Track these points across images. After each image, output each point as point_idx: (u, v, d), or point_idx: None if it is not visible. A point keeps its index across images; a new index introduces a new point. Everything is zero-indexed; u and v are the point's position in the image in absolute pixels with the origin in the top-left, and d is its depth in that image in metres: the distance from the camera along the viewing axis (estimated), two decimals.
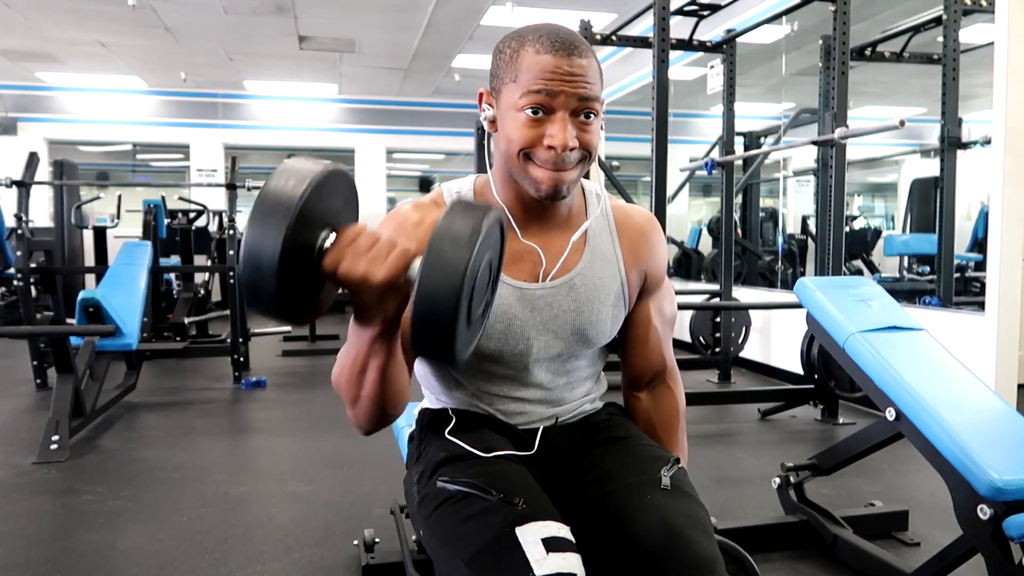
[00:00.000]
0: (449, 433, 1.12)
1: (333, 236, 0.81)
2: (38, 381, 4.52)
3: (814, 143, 3.65)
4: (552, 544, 0.91)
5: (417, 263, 0.79)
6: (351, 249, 0.80)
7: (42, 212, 8.14)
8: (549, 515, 0.96)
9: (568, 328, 1.11)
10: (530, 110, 0.98)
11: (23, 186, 4.59)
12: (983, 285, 3.62)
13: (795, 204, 7.97)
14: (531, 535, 0.92)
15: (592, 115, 1.00)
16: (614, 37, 4.37)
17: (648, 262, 1.17)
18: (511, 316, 1.08)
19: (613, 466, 1.09)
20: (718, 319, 4.77)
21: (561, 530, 0.94)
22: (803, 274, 6.68)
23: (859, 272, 7.17)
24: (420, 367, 1.23)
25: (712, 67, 4.72)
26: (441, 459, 1.09)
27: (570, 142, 0.98)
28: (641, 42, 4.40)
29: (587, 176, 1.16)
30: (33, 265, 4.72)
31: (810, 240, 7.24)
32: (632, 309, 1.18)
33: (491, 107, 1.06)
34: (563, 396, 1.17)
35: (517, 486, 1.01)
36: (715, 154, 4.81)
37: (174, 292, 6.55)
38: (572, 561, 0.91)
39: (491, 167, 1.11)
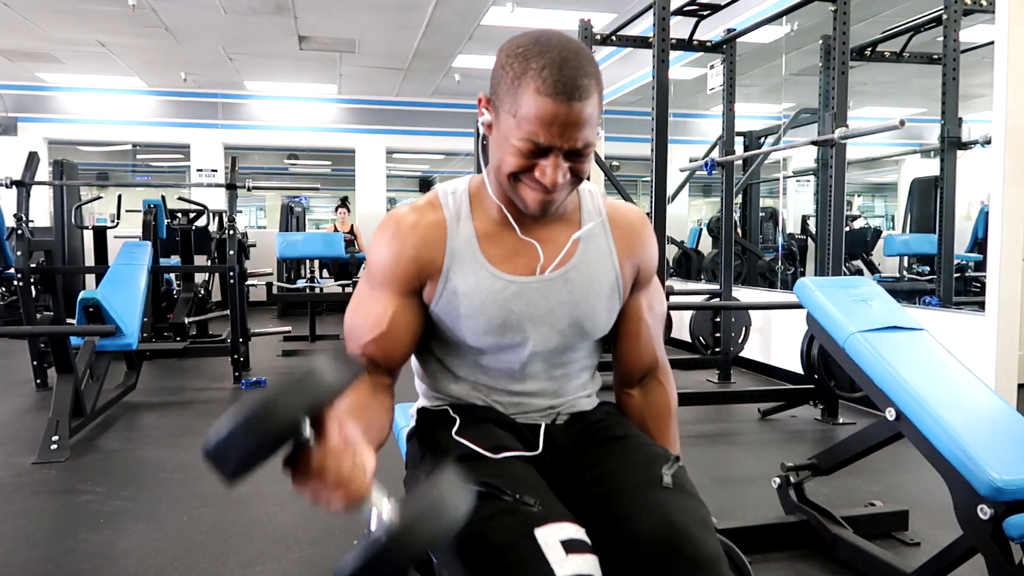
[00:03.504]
0: (456, 434, 1.11)
1: (310, 433, 0.77)
2: (38, 381, 4.52)
3: (814, 143, 3.65)
4: (571, 546, 0.92)
5: (383, 503, 0.77)
6: (316, 480, 0.78)
7: (42, 212, 8.14)
8: (564, 516, 0.97)
9: (565, 320, 1.12)
10: (524, 149, 0.99)
11: (23, 186, 4.59)
12: (983, 285, 3.62)
13: (795, 204, 7.97)
14: (550, 537, 0.92)
15: (585, 153, 1.00)
16: (614, 37, 4.37)
17: (641, 256, 1.19)
18: (508, 311, 1.09)
19: (613, 465, 1.09)
20: (718, 319, 4.77)
21: (578, 532, 0.95)
22: (803, 274, 6.69)
23: (859, 272, 7.17)
24: (415, 363, 1.23)
25: (712, 67, 4.72)
26: (452, 459, 1.08)
27: (560, 180, 1.00)
28: (641, 42, 4.40)
29: (588, 178, 1.16)
30: (33, 265, 4.72)
31: (810, 240, 7.24)
32: (624, 303, 1.19)
33: (489, 112, 1.05)
34: (559, 389, 1.18)
35: (529, 487, 1.01)
36: (715, 154, 4.81)
37: (174, 292, 6.55)
38: (591, 562, 0.92)
39: (486, 166, 1.12)
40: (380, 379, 1.12)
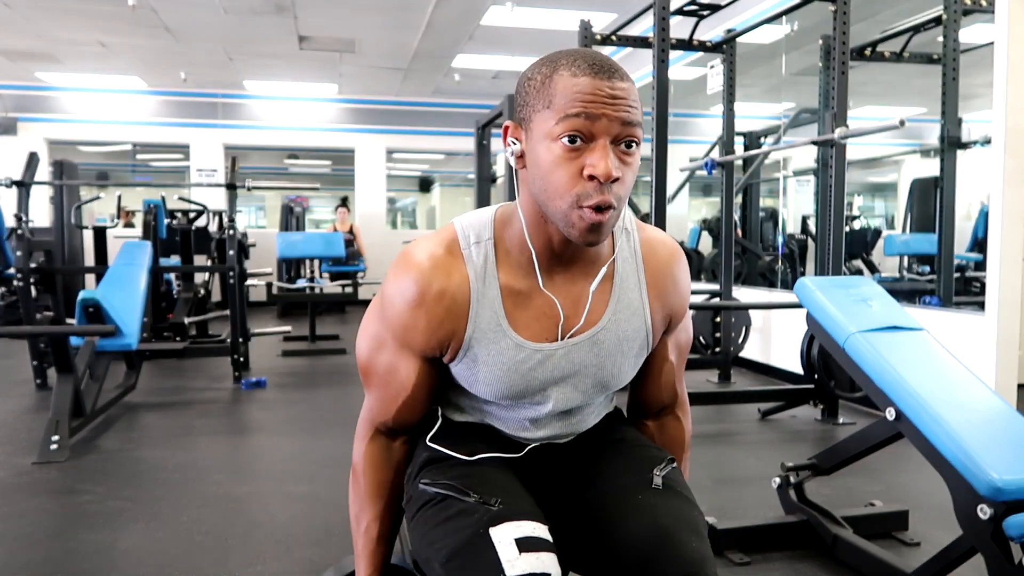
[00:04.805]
0: (431, 440, 1.11)
1: None
2: (38, 381, 4.52)
3: (814, 143, 3.65)
4: (525, 544, 0.91)
5: None
6: None
7: (42, 212, 8.14)
8: (526, 515, 0.96)
9: (589, 381, 1.07)
10: (567, 138, 0.89)
11: (23, 186, 4.59)
12: (983, 285, 3.62)
13: (795, 204, 7.97)
14: (505, 535, 0.92)
15: (635, 144, 0.91)
16: (614, 37, 4.37)
17: (674, 301, 1.10)
18: (530, 379, 1.03)
19: (606, 467, 1.09)
20: (718, 319, 4.77)
21: (536, 529, 0.94)
22: (803, 274, 6.68)
23: (859, 272, 7.17)
24: None
25: (712, 67, 4.72)
26: (424, 460, 1.09)
27: (614, 171, 0.88)
28: (641, 42, 4.40)
29: None
30: (33, 265, 4.72)
31: (810, 240, 7.24)
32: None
33: (518, 141, 0.96)
34: (574, 431, 1.15)
35: (496, 487, 1.01)
36: (715, 154, 4.81)
37: (174, 292, 6.55)
38: (546, 561, 0.91)
39: (518, 202, 1.01)
40: (403, 439, 1.13)
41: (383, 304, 1.05)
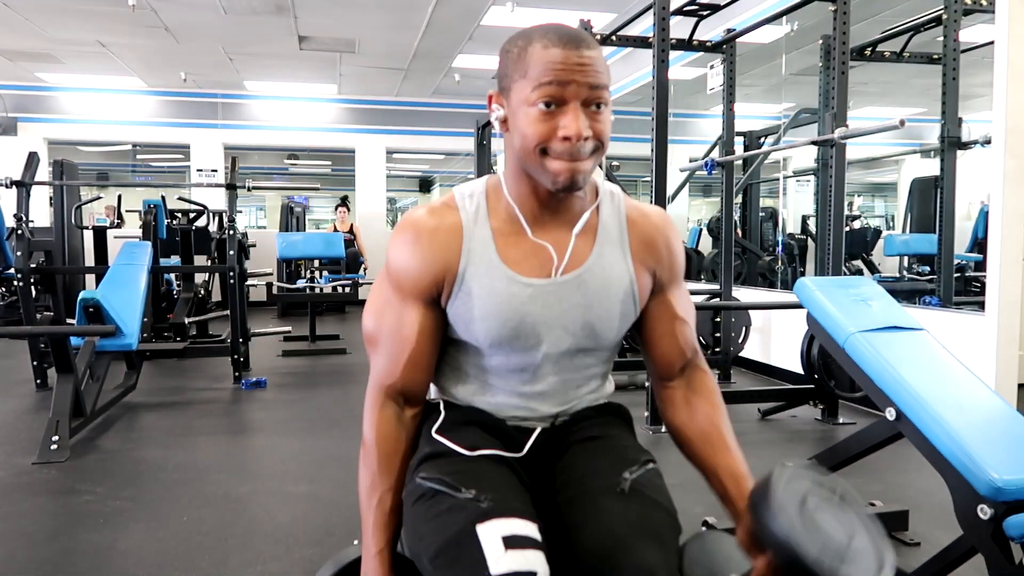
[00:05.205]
0: (436, 432, 1.12)
1: None
2: (38, 381, 4.52)
3: (814, 143, 3.65)
4: (512, 542, 0.91)
5: None
6: None
7: (42, 212, 8.14)
8: (515, 512, 0.96)
9: (578, 323, 1.10)
10: (542, 104, 1.00)
11: (23, 186, 4.59)
12: (983, 285, 3.62)
13: (795, 204, 7.97)
14: (492, 532, 0.92)
15: (603, 105, 1.03)
16: (614, 37, 4.37)
17: (659, 260, 1.16)
18: (523, 313, 1.08)
19: (580, 469, 1.09)
20: (718, 319, 4.77)
21: (525, 527, 0.94)
22: (803, 274, 6.68)
23: (859, 272, 7.17)
24: None
25: (712, 67, 4.72)
26: (423, 455, 1.09)
27: (584, 131, 1.00)
28: (641, 42, 4.40)
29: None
30: (33, 265, 4.72)
31: (810, 240, 7.24)
32: (653, 305, 1.17)
33: (501, 107, 1.07)
34: (569, 393, 1.16)
35: (491, 483, 1.01)
36: (715, 154, 4.81)
37: (174, 292, 6.55)
38: (532, 559, 0.91)
39: (503, 166, 1.11)
40: (411, 410, 1.14)
41: (387, 264, 1.12)
